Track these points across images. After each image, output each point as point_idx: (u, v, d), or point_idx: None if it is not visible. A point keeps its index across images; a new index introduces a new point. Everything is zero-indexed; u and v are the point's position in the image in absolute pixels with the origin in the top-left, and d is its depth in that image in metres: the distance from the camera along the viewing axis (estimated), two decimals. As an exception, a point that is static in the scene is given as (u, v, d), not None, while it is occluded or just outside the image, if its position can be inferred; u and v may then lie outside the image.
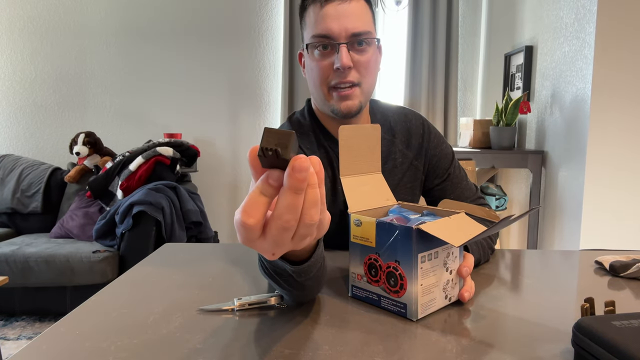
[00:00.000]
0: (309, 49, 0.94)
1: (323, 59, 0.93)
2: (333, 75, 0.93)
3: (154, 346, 0.56)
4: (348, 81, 0.92)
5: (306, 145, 1.03)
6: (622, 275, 0.85)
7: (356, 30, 0.90)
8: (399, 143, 1.06)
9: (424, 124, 1.10)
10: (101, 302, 0.70)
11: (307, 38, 0.95)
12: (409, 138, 1.08)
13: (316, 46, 0.92)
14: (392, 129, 1.07)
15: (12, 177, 2.98)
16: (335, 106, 0.95)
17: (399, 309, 0.65)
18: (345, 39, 0.91)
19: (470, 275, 0.71)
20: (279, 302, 0.69)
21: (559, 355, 0.54)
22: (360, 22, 0.91)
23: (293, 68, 3.16)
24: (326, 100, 0.96)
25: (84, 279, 2.42)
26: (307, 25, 0.95)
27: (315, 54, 0.93)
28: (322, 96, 0.96)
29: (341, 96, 0.93)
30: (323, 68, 0.93)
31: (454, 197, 1.08)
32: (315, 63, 0.94)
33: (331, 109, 0.96)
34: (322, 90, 0.95)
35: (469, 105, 3.31)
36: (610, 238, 1.95)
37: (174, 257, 0.96)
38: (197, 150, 2.98)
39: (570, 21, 2.09)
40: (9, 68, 3.24)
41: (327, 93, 0.95)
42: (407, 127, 1.08)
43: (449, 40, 3.12)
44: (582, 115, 1.97)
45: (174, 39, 3.25)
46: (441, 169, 1.09)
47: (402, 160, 1.06)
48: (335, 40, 0.91)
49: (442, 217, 0.70)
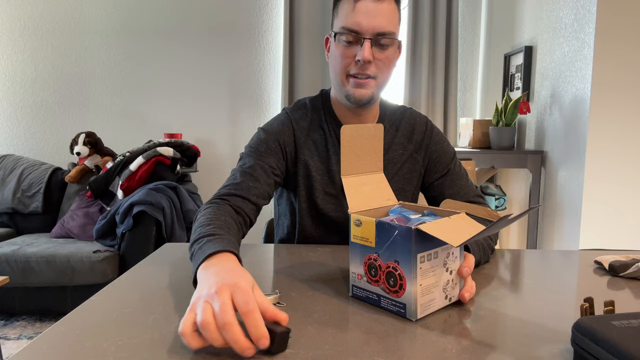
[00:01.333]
0: (336, 37, 1.02)
1: (347, 49, 1.01)
2: (353, 66, 1.01)
3: (154, 346, 0.56)
4: (365, 74, 1.01)
5: (306, 124, 1.12)
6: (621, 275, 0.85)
7: (382, 30, 0.98)
8: (401, 136, 1.14)
9: (428, 123, 1.18)
10: (101, 302, 0.70)
11: (337, 27, 1.02)
12: (412, 133, 1.16)
13: (343, 37, 1.00)
14: (397, 123, 1.16)
15: (12, 177, 2.98)
16: (350, 92, 1.03)
17: (399, 309, 0.65)
18: (370, 35, 0.98)
19: (470, 276, 0.71)
20: (277, 302, 0.69)
21: (558, 355, 0.55)
22: (387, 22, 0.99)
23: (293, 68, 3.16)
24: (342, 86, 1.04)
25: (85, 278, 2.42)
26: (338, 15, 1.03)
27: (341, 43, 1.01)
28: (340, 82, 1.04)
29: (357, 83, 1.01)
30: (346, 57, 1.01)
31: (452, 192, 1.10)
32: (339, 51, 1.02)
33: (345, 94, 1.04)
34: (341, 77, 1.04)
35: (469, 106, 3.31)
36: (609, 238, 1.95)
37: (174, 257, 0.96)
38: (197, 150, 2.98)
39: (570, 21, 2.09)
40: (9, 68, 3.25)
41: (345, 79, 1.03)
42: (411, 124, 1.16)
43: (448, 41, 3.12)
44: (582, 115, 1.98)
45: (175, 39, 3.25)
46: (441, 165, 1.15)
47: (402, 152, 1.14)
48: (361, 35, 0.98)
49: (443, 217, 0.70)
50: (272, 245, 1.07)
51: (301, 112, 1.14)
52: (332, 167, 1.10)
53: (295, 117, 1.12)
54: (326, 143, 1.11)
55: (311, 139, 1.11)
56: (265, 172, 1.04)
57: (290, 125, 1.11)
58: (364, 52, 0.97)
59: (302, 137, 1.11)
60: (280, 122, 1.12)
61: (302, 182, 1.10)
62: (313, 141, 1.11)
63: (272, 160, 1.06)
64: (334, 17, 1.06)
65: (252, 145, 1.08)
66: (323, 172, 1.10)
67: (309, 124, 1.12)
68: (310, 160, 1.10)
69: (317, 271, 0.86)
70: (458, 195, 1.10)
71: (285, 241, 1.20)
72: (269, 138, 1.08)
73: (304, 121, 1.12)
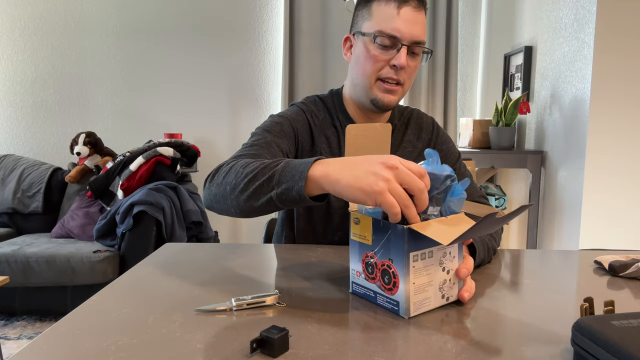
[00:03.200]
0: (375, 38, 1.00)
1: (382, 53, 1.00)
2: (387, 70, 1.01)
3: (154, 346, 0.56)
4: (397, 79, 1.01)
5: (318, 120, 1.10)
6: (621, 275, 0.85)
7: (418, 39, 1.00)
8: (410, 134, 1.16)
9: (434, 123, 1.20)
10: (101, 302, 0.70)
11: (371, 29, 1.00)
12: (420, 132, 1.17)
13: (379, 40, 0.99)
14: (406, 122, 1.18)
15: (13, 177, 2.98)
16: (379, 97, 1.03)
17: (393, 306, 0.66)
18: (408, 42, 0.99)
19: (470, 276, 0.71)
20: (277, 302, 0.70)
21: (558, 355, 0.55)
22: (423, 32, 1.01)
23: (293, 68, 3.16)
24: (369, 89, 1.03)
25: (85, 278, 2.42)
26: (373, 17, 1.01)
27: (375, 46, 1.00)
28: (367, 85, 1.03)
29: (386, 89, 1.02)
30: (379, 61, 1.00)
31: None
32: (371, 54, 1.00)
33: (372, 98, 1.04)
34: (370, 80, 1.02)
35: (469, 106, 3.31)
36: (609, 238, 1.95)
37: (174, 257, 0.96)
38: (197, 150, 2.98)
39: (570, 21, 2.09)
40: (9, 68, 3.25)
41: (374, 83, 1.02)
42: (419, 123, 1.18)
43: (448, 40, 3.12)
44: (582, 115, 1.98)
45: (175, 39, 3.25)
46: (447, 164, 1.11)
47: (411, 149, 1.15)
48: (399, 41, 0.98)
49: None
50: (272, 245, 1.07)
51: (314, 107, 1.13)
52: None
53: (309, 109, 1.11)
54: (339, 141, 1.11)
55: (324, 135, 1.10)
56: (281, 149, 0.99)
57: (304, 116, 1.10)
58: (401, 58, 0.97)
59: (316, 130, 1.10)
60: (295, 111, 1.10)
61: None
62: (326, 137, 1.10)
63: (285, 143, 1.02)
64: (361, 18, 1.03)
65: (266, 126, 1.03)
66: None
67: (323, 120, 1.11)
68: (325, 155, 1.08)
69: (317, 271, 0.86)
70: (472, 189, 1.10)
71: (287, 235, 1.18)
72: (284, 122, 1.05)
73: (317, 116, 1.11)
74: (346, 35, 1.09)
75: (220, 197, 0.79)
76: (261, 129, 1.03)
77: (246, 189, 0.74)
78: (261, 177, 0.72)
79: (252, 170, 0.74)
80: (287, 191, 0.68)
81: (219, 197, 0.80)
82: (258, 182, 0.72)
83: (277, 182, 0.70)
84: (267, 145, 0.96)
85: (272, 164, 0.73)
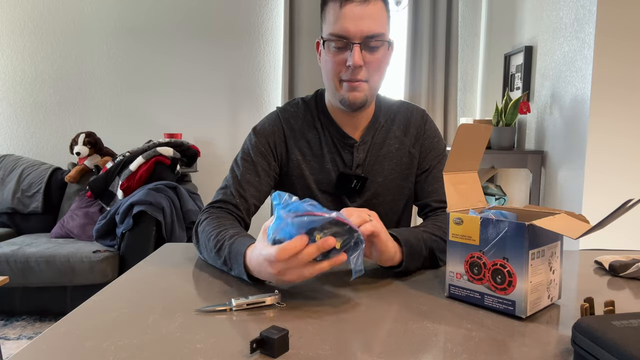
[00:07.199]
0: (325, 43, 1.01)
1: (337, 55, 0.99)
2: (345, 71, 1.00)
3: (154, 346, 0.56)
4: (357, 78, 0.99)
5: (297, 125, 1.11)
6: (621, 275, 0.85)
7: (370, 33, 0.96)
8: (395, 129, 1.13)
9: (424, 116, 1.16)
10: (101, 302, 0.70)
11: (325, 33, 1.01)
12: (408, 126, 1.13)
13: (332, 43, 0.99)
14: (392, 117, 1.14)
15: (12, 177, 2.98)
16: (345, 96, 1.01)
17: (507, 307, 0.65)
18: (359, 39, 0.96)
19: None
20: (277, 302, 0.69)
21: (558, 355, 0.55)
22: (375, 24, 0.96)
23: (293, 68, 3.16)
24: (336, 91, 1.03)
25: (84, 279, 2.42)
26: (326, 20, 1.01)
27: (330, 49, 1.00)
28: (333, 87, 1.03)
29: (350, 87, 1.00)
30: (336, 63, 1.00)
31: (430, 191, 1.09)
32: (329, 57, 1.00)
33: (340, 98, 1.03)
34: (334, 82, 1.02)
35: (469, 105, 3.31)
36: (609, 238, 1.95)
37: (174, 257, 0.96)
38: (197, 150, 2.98)
39: (570, 21, 2.09)
40: (9, 68, 3.25)
41: (338, 84, 1.02)
42: (407, 117, 1.14)
43: (448, 41, 3.12)
44: (582, 115, 1.97)
45: (175, 39, 3.25)
46: (428, 161, 1.13)
47: (398, 146, 1.12)
48: (349, 40, 0.96)
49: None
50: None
51: (292, 110, 1.13)
52: (327, 166, 1.09)
53: (285, 116, 1.12)
54: (320, 142, 1.10)
55: (305, 139, 1.10)
56: (258, 175, 1.07)
57: (280, 125, 1.11)
58: (354, 58, 0.96)
59: (292, 136, 1.10)
60: (271, 122, 1.12)
61: (297, 181, 1.10)
62: (307, 140, 1.10)
63: (264, 164, 1.08)
64: (322, 23, 1.04)
65: (245, 150, 1.10)
66: (318, 171, 1.10)
67: (302, 124, 1.11)
68: (302, 160, 1.10)
69: (317, 271, 0.86)
70: (430, 196, 1.09)
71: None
72: (260, 141, 1.09)
73: (294, 120, 1.12)
74: (316, 41, 1.08)
75: (203, 254, 0.94)
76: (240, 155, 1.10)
77: (215, 262, 0.88)
78: (220, 258, 0.85)
79: (213, 247, 0.88)
80: (239, 275, 0.81)
81: (203, 254, 0.94)
82: (220, 260, 0.86)
83: (230, 267, 0.83)
84: (240, 188, 1.05)
85: (223, 246, 0.86)
